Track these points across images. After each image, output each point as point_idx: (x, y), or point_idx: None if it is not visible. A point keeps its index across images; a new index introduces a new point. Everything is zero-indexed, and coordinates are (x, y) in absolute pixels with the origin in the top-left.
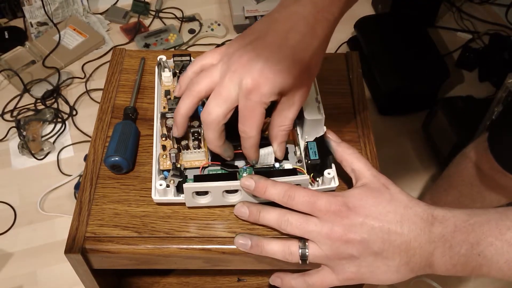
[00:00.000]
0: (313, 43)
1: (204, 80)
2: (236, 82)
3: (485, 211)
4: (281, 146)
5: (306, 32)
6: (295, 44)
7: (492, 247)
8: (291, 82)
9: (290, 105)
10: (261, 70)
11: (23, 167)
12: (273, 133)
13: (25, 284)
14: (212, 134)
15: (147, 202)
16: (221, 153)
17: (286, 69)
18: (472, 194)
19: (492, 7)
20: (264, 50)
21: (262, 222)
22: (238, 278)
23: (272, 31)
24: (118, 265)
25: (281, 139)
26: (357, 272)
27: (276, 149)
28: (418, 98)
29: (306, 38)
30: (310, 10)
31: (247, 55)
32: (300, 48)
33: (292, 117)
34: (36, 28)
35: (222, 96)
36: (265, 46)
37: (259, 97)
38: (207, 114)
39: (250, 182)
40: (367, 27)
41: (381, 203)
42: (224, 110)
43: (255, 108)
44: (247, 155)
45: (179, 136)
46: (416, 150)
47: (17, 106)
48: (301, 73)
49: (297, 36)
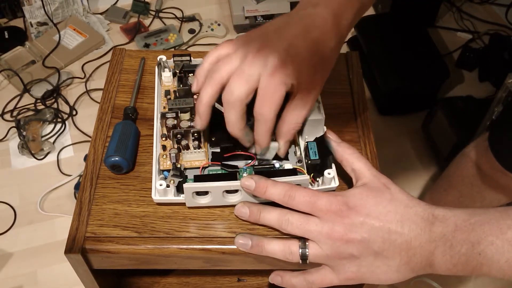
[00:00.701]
0: (333, 41)
1: (224, 67)
2: (261, 60)
3: (486, 211)
4: (287, 145)
5: (327, 30)
6: (317, 38)
7: (492, 246)
8: (312, 72)
9: (305, 102)
10: (287, 51)
11: (23, 167)
12: (284, 129)
13: (25, 284)
14: (234, 115)
15: (147, 202)
16: (241, 137)
17: (309, 58)
18: (472, 194)
19: (492, 7)
20: (288, 37)
21: (263, 222)
22: (238, 278)
23: (294, 24)
24: (118, 265)
25: (289, 137)
26: (358, 271)
27: (282, 146)
28: (418, 98)
29: (326, 35)
30: (328, 13)
31: (272, 40)
32: (321, 42)
33: (304, 115)
34: (36, 28)
35: (245, 74)
36: (288, 34)
37: (284, 77)
38: (230, 94)
39: (250, 182)
40: (367, 27)
41: (382, 203)
42: (247, 89)
43: (278, 89)
44: (259, 141)
45: (202, 128)
46: (416, 150)
47: (17, 106)
48: (320, 67)
49: (318, 31)
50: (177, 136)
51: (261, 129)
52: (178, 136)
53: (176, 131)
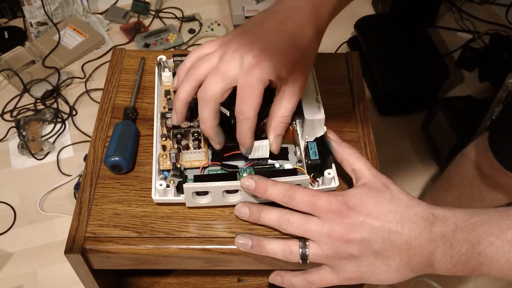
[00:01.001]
0: (309, 32)
1: (203, 65)
2: (237, 59)
3: (486, 211)
4: (278, 139)
5: (303, 22)
6: (292, 31)
7: (492, 246)
8: (290, 65)
9: (290, 94)
10: (262, 48)
11: (23, 167)
12: (272, 124)
13: (25, 284)
14: (207, 112)
15: (147, 202)
16: (212, 136)
17: (285, 51)
18: (472, 194)
19: (492, 7)
20: (264, 33)
21: (263, 222)
22: (238, 278)
23: (270, 19)
24: (118, 265)
25: (279, 131)
26: (358, 271)
27: (273, 141)
28: (418, 98)
29: (303, 27)
30: (306, 4)
31: (248, 37)
32: (297, 34)
33: (291, 108)
34: (36, 28)
35: (221, 72)
36: (264, 30)
37: (261, 73)
38: (204, 91)
39: (250, 182)
40: (367, 27)
41: (382, 203)
42: (222, 87)
43: (256, 85)
44: (242, 141)
45: (178, 123)
46: (416, 150)
47: (17, 106)
48: (299, 59)
49: (294, 23)
50: (177, 136)
51: (243, 127)
52: (178, 136)
53: (176, 131)
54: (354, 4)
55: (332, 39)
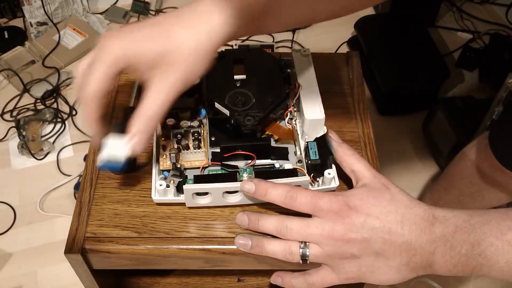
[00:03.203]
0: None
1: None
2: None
3: (486, 212)
4: (138, 137)
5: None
6: (173, 23)
7: (492, 247)
8: (152, 49)
9: (156, 90)
10: (124, 34)
11: (23, 167)
12: (132, 120)
13: (25, 284)
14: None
15: (147, 202)
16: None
17: (149, 34)
18: (472, 193)
19: (492, 7)
20: (140, 24)
21: (262, 230)
22: (238, 278)
23: (160, 17)
24: (118, 265)
25: (140, 126)
26: (358, 271)
27: (131, 138)
28: (418, 98)
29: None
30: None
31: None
32: (177, 26)
33: (157, 103)
34: (35, 28)
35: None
36: (143, 23)
37: (108, 53)
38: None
39: (250, 185)
40: (367, 27)
41: (382, 203)
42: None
43: (101, 62)
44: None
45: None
46: (416, 150)
47: (17, 106)
48: (171, 44)
49: (174, 20)
50: (177, 136)
51: (86, 103)
52: (178, 136)
53: (176, 131)
54: None
55: (332, 39)
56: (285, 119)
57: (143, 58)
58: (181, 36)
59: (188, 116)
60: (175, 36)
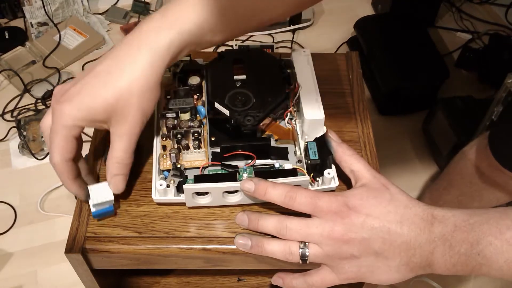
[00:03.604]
0: (133, 70)
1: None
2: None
3: (485, 211)
4: (116, 179)
5: (127, 59)
6: (114, 69)
7: (491, 246)
8: (102, 107)
9: (119, 136)
10: (72, 94)
11: (23, 167)
12: (106, 164)
13: (25, 283)
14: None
15: (147, 202)
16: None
17: (96, 93)
18: (471, 193)
19: (492, 7)
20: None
21: (261, 230)
22: (238, 278)
23: (100, 60)
24: (118, 265)
25: (115, 171)
26: (358, 271)
27: (110, 181)
28: (418, 98)
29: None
30: (137, 37)
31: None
32: (118, 73)
33: (124, 148)
34: (36, 28)
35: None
36: (87, 74)
37: (61, 120)
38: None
39: (250, 184)
40: (367, 27)
41: (382, 203)
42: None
43: (57, 131)
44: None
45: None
46: (416, 150)
47: (18, 106)
48: (118, 98)
49: (117, 62)
50: (177, 136)
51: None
52: (178, 136)
53: (176, 131)
54: (354, 4)
55: (332, 39)
56: (285, 119)
57: (97, 116)
58: (125, 80)
59: (188, 116)
60: (119, 82)
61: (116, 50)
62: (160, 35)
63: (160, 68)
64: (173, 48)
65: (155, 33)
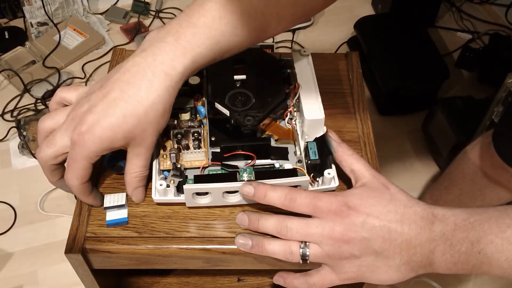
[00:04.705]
0: (149, 97)
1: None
2: (70, 130)
3: (486, 210)
4: (137, 191)
5: (142, 85)
6: (130, 96)
7: (492, 245)
8: (122, 137)
9: (137, 154)
10: (91, 124)
11: (23, 167)
12: (126, 179)
13: (25, 283)
14: (43, 170)
15: (147, 202)
16: (57, 187)
17: (116, 124)
18: (473, 192)
19: (492, 7)
20: (100, 102)
21: (262, 230)
22: (238, 278)
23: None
24: (118, 265)
25: (135, 184)
26: (358, 271)
27: (131, 194)
28: (418, 98)
29: (141, 92)
30: (150, 62)
31: (86, 105)
32: (135, 101)
33: (142, 164)
34: (36, 28)
35: (55, 139)
36: (101, 98)
37: (83, 151)
38: (38, 152)
39: (249, 188)
40: (367, 27)
41: (381, 203)
42: (52, 152)
43: (77, 161)
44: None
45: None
46: (416, 150)
47: (17, 106)
48: (137, 126)
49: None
50: (177, 136)
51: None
52: (178, 136)
53: (176, 131)
54: (354, 4)
55: (332, 39)
56: (285, 119)
57: (116, 145)
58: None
59: (188, 116)
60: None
61: (129, 73)
62: (174, 63)
63: (174, 91)
64: (188, 71)
65: (169, 60)
